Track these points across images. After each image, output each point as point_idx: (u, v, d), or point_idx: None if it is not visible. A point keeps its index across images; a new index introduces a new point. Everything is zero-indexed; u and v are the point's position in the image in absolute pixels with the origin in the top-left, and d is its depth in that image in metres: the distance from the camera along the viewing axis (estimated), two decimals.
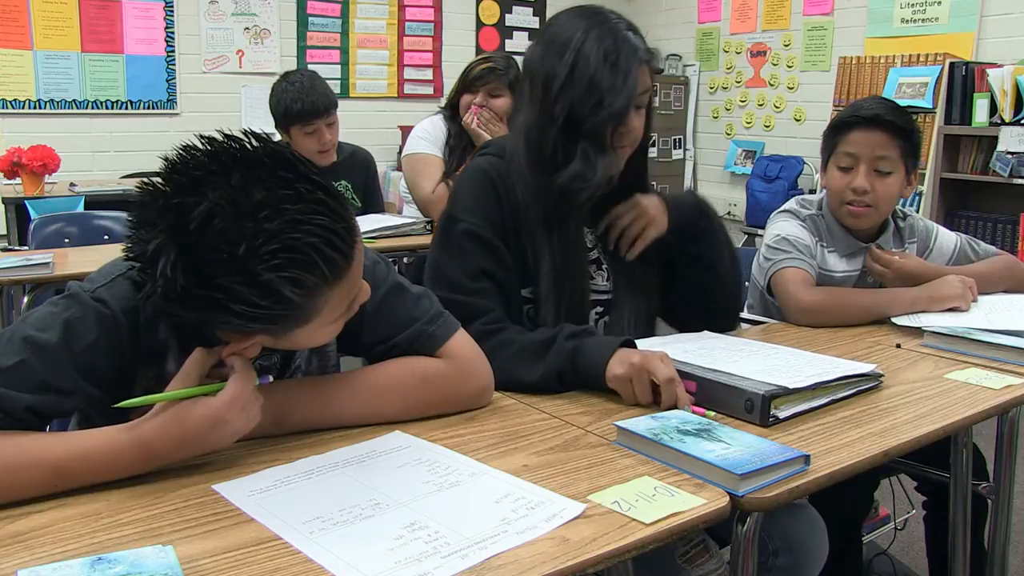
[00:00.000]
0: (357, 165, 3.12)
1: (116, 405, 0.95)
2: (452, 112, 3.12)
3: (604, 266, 1.56)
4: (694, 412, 1.19)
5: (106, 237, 3.02)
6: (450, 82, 3.22)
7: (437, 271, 1.41)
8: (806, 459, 1.02)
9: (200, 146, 0.94)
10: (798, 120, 5.38)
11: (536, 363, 1.30)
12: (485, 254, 1.40)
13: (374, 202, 3.17)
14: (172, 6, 4.90)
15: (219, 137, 0.95)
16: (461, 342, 1.20)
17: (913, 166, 1.87)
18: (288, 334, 1.00)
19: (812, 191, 4.98)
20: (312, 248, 0.92)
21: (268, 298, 0.91)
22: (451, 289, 1.37)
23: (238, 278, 0.90)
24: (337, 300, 1.01)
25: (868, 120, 1.82)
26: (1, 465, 0.90)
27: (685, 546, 1.29)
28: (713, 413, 1.18)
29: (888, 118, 1.81)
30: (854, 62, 4.73)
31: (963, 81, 4.16)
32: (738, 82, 5.73)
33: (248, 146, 0.95)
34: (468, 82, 3.06)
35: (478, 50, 5.82)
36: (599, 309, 1.54)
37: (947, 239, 1.98)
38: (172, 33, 4.92)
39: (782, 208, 1.96)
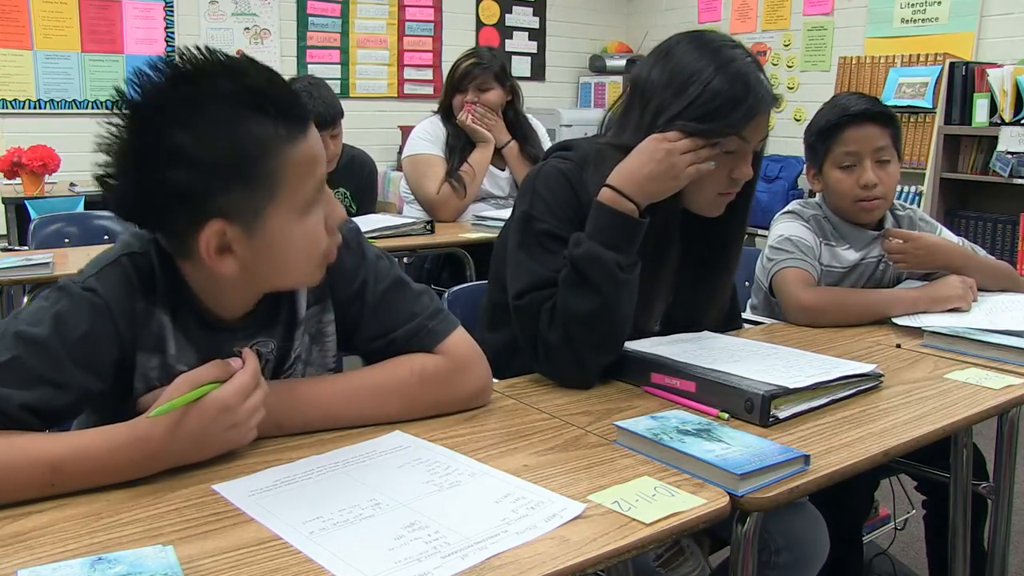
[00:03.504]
0: (354, 170, 3.11)
1: (150, 415, 0.94)
2: (446, 113, 3.13)
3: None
4: (706, 413, 1.19)
5: (106, 237, 3.02)
6: None
7: (519, 267, 1.38)
8: (806, 459, 1.03)
9: None
10: (798, 120, 5.38)
11: (580, 284, 1.30)
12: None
13: (367, 206, 3.16)
14: (172, 6, 4.91)
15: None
16: (460, 339, 1.20)
17: (901, 149, 1.91)
18: (258, 217, 0.98)
19: (812, 192, 4.98)
20: (255, 87, 0.96)
21: (215, 134, 0.94)
22: (537, 285, 1.35)
23: (182, 110, 0.94)
24: (297, 170, 0.99)
25: (859, 116, 1.84)
26: None
27: (659, 549, 1.27)
28: (727, 415, 1.18)
29: (876, 110, 1.85)
30: (854, 62, 4.73)
31: (963, 81, 4.16)
32: None
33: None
34: (456, 81, 3.08)
35: None
36: None
37: (951, 240, 1.99)
38: (172, 33, 4.92)
39: (786, 209, 1.97)
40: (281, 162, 0.98)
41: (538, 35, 6.19)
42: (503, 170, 3.20)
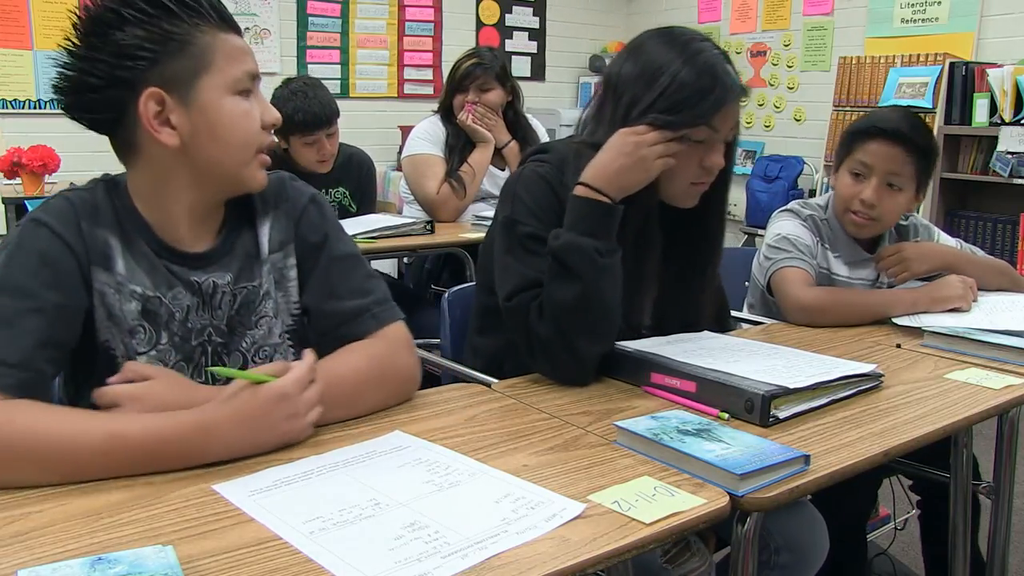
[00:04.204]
0: (353, 170, 3.10)
1: (209, 368, 1.09)
2: (446, 113, 3.13)
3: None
4: (706, 413, 1.19)
5: None
6: None
7: (506, 270, 1.40)
8: (806, 459, 1.03)
9: None
10: (798, 120, 5.38)
11: (563, 274, 1.31)
12: None
13: (367, 205, 3.16)
14: None
15: None
16: (400, 328, 1.24)
17: (924, 184, 1.85)
18: (191, 87, 1.08)
19: (812, 191, 4.98)
20: None
21: (154, 12, 1.06)
22: (524, 286, 1.36)
23: (126, 3, 1.06)
24: (227, 53, 1.10)
25: (889, 133, 1.79)
26: (60, 435, 0.94)
27: (665, 545, 1.28)
28: (727, 415, 1.18)
29: (909, 135, 1.79)
30: (854, 62, 4.72)
31: (963, 81, 4.15)
32: None
33: None
34: (457, 81, 3.08)
35: None
36: None
37: (948, 242, 1.99)
38: None
39: (783, 208, 1.96)
40: (212, 42, 1.10)
41: (538, 35, 6.19)
42: (503, 170, 3.20)
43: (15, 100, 4.54)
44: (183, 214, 1.16)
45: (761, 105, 5.60)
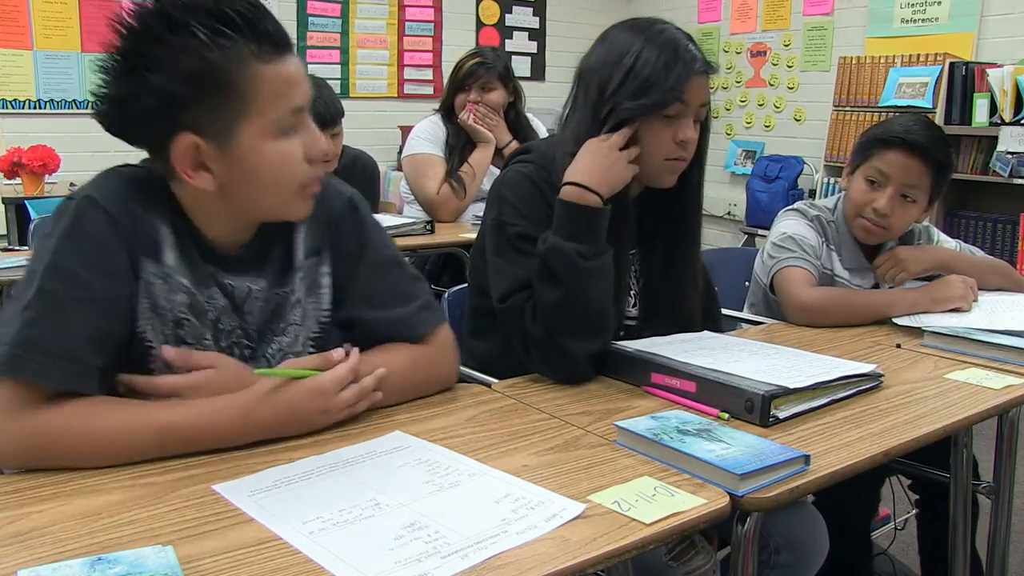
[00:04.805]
0: (358, 172, 3.09)
1: (254, 371, 1.08)
2: (447, 112, 3.13)
3: (633, 292, 1.55)
4: (707, 413, 1.19)
5: None
6: None
7: (499, 272, 1.41)
8: (806, 459, 1.03)
9: None
10: (798, 120, 5.38)
11: (548, 277, 1.33)
12: None
13: (371, 207, 3.15)
14: None
15: None
16: (445, 335, 1.26)
17: (936, 197, 1.85)
18: (229, 134, 1.03)
19: (812, 191, 4.98)
20: (232, 8, 1.00)
21: (187, 46, 0.98)
22: (517, 287, 1.37)
23: (162, 25, 0.99)
24: (270, 90, 1.03)
25: (910, 145, 1.78)
26: (113, 427, 0.99)
27: (671, 543, 1.28)
28: (727, 415, 1.18)
29: (931, 150, 1.79)
30: (854, 62, 4.72)
31: (963, 81, 4.15)
32: (738, 82, 5.72)
33: None
34: (459, 80, 3.08)
35: None
36: (621, 334, 1.52)
37: (947, 243, 2.00)
38: None
39: (790, 207, 1.96)
40: (252, 80, 1.02)
41: (538, 35, 6.19)
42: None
43: (15, 100, 4.54)
44: (220, 227, 1.13)
45: (761, 105, 5.60)
